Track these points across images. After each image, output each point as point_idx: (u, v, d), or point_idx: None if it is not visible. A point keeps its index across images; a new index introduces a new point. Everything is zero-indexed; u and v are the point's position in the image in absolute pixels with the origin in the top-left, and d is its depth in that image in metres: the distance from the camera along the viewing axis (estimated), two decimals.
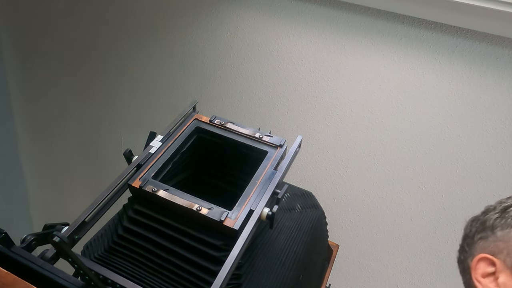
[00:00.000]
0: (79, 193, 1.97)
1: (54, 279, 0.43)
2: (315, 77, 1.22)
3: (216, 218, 0.47)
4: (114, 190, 0.51)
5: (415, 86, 1.12)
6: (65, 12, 1.57)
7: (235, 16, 1.26)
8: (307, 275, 0.61)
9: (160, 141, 0.57)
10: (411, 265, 1.31)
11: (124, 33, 1.50)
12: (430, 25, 1.05)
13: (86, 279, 0.44)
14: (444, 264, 1.27)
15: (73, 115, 1.80)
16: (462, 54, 1.04)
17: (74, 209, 1.74)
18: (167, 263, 0.49)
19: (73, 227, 0.47)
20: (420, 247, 1.28)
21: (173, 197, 0.49)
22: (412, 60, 1.10)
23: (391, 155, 1.22)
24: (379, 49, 1.12)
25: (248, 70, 1.31)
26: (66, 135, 1.88)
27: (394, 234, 1.30)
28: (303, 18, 1.18)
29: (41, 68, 1.76)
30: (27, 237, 0.47)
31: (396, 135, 1.19)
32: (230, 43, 1.31)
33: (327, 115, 1.25)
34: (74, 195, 2.00)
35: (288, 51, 1.23)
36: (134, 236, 0.50)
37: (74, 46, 1.63)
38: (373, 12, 1.09)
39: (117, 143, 1.75)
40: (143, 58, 1.51)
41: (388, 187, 1.25)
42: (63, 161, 1.97)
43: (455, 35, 1.03)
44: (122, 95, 1.63)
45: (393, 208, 1.27)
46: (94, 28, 1.54)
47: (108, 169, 1.82)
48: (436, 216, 1.22)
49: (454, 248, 1.29)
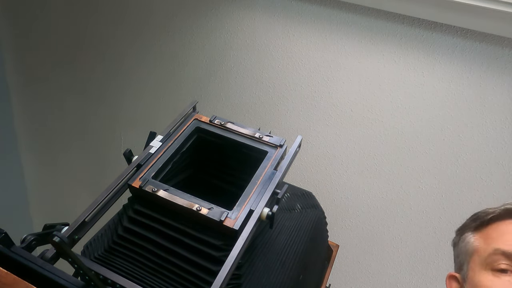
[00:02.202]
0: (79, 193, 1.97)
1: (54, 279, 0.43)
2: (315, 77, 1.22)
3: (216, 218, 0.47)
4: (114, 190, 0.51)
5: (415, 86, 1.12)
6: (65, 12, 1.57)
7: (235, 16, 1.26)
8: (307, 275, 0.61)
9: (160, 141, 0.57)
10: (411, 265, 1.31)
11: (124, 33, 1.50)
12: (430, 25, 1.05)
13: (86, 279, 0.44)
14: (444, 264, 1.27)
15: (73, 115, 1.80)
16: (462, 54, 1.04)
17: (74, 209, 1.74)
18: (167, 263, 0.49)
19: (73, 227, 0.47)
20: (420, 247, 1.28)
21: (173, 197, 0.49)
22: (412, 60, 1.10)
23: (391, 155, 1.22)
24: (379, 49, 1.12)
25: (248, 70, 1.31)
26: (66, 135, 1.88)
27: (394, 234, 1.30)
28: (303, 18, 1.18)
29: (41, 68, 1.76)
30: (27, 237, 0.47)
31: (396, 135, 1.19)
32: (230, 43, 1.31)
33: (327, 115, 1.25)
34: (74, 195, 2.00)
35: (288, 51, 1.23)
36: (134, 236, 0.50)
37: (74, 46, 1.63)
38: (373, 12, 1.09)
39: (117, 143, 1.75)
40: (143, 58, 1.51)
41: (388, 187, 1.25)
42: (63, 161, 1.97)
43: (455, 35, 1.03)
44: (122, 95, 1.63)
45: (393, 208, 1.27)
46: (94, 28, 1.54)
47: (108, 169, 1.82)
48: (436, 216, 1.22)
49: None
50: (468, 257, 0.68)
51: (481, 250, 0.65)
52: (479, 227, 0.69)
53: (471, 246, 0.68)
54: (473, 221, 0.71)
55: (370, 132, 1.22)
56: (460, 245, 0.72)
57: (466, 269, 0.68)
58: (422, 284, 1.33)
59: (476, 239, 0.68)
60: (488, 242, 0.65)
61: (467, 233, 0.71)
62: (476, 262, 0.65)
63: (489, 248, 0.63)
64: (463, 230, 0.73)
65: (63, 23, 1.60)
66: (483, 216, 0.68)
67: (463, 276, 0.68)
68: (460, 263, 0.70)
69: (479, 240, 0.67)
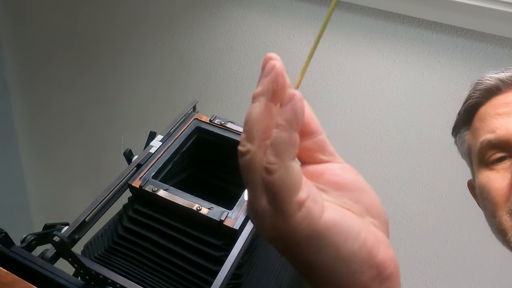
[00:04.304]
0: (79, 193, 1.97)
1: (54, 279, 0.43)
2: (315, 77, 1.22)
3: (216, 218, 0.47)
4: (114, 190, 0.51)
5: (415, 86, 1.12)
6: (66, 13, 1.57)
7: (235, 16, 1.26)
8: None
9: (160, 141, 0.57)
10: (411, 265, 1.31)
11: (124, 33, 1.49)
12: (430, 25, 1.05)
13: (86, 279, 0.44)
14: (444, 264, 1.27)
15: (73, 115, 1.80)
16: (462, 54, 1.04)
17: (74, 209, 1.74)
18: (167, 263, 0.49)
19: (73, 227, 0.47)
20: (420, 247, 1.28)
21: (173, 197, 0.49)
22: (412, 60, 1.10)
23: (391, 155, 1.22)
24: (379, 49, 1.12)
25: (248, 70, 1.31)
26: (66, 135, 1.88)
27: (394, 234, 1.30)
28: (303, 18, 1.18)
29: (41, 68, 1.76)
30: (27, 237, 0.47)
31: (396, 135, 1.19)
32: (230, 43, 1.31)
33: (327, 115, 1.25)
34: (74, 195, 2.00)
35: (288, 51, 1.23)
36: (134, 236, 0.50)
37: (74, 46, 1.63)
38: (373, 12, 1.09)
39: (117, 143, 1.75)
40: (143, 58, 1.50)
41: (388, 187, 1.25)
42: (63, 161, 1.97)
43: (455, 35, 1.03)
44: (122, 95, 1.63)
45: (393, 208, 1.27)
46: (94, 28, 1.54)
47: (108, 169, 1.82)
48: (436, 216, 1.22)
49: (454, 248, 1.30)
50: (467, 158, 0.61)
51: (473, 148, 0.58)
52: (466, 121, 0.61)
53: (465, 146, 0.61)
54: (461, 115, 0.63)
55: (370, 132, 1.22)
56: (459, 148, 0.64)
57: (472, 172, 0.60)
58: (422, 284, 1.33)
59: (468, 137, 0.60)
60: (475, 135, 0.57)
61: (460, 131, 0.63)
62: (475, 162, 0.58)
63: (477, 143, 0.56)
64: (456, 128, 0.65)
65: (64, 23, 1.60)
66: (465, 105, 0.60)
67: (473, 180, 0.61)
68: (469, 167, 0.62)
69: (469, 136, 0.59)
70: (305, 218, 0.24)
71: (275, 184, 0.24)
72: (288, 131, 0.24)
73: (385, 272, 0.26)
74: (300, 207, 0.24)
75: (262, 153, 0.25)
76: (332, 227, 0.24)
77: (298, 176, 0.24)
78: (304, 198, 0.24)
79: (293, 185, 0.24)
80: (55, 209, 2.15)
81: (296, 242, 0.25)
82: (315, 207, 0.24)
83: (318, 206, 0.24)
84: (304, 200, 0.24)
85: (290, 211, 0.24)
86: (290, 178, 0.24)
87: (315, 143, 0.28)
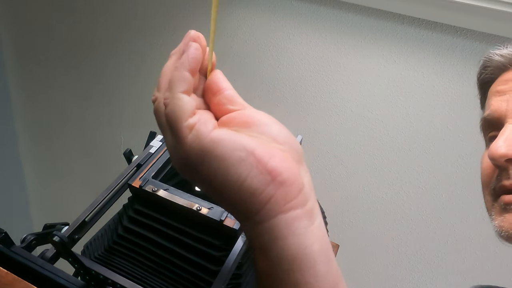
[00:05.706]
0: (79, 193, 1.97)
1: (54, 279, 0.43)
2: (315, 77, 1.22)
3: (216, 218, 0.47)
4: (114, 190, 0.52)
5: (415, 86, 1.12)
6: (65, 13, 1.57)
7: (235, 16, 1.26)
8: None
9: (160, 141, 0.57)
10: (411, 265, 1.31)
11: (124, 33, 1.50)
12: (430, 25, 1.04)
13: (86, 279, 0.44)
14: (444, 264, 1.27)
15: (73, 115, 1.80)
16: (462, 54, 1.04)
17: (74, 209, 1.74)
18: (167, 263, 0.49)
19: (73, 227, 0.47)
20: (420, 247, 1.28)
21: (173, 197, 0.49)
22: (412, 60, 1.10)
23: (391, 155, 1.22)
24: (379, 49, 1.12)
25: (248, 70, 1.31)
26: (66, 135, 1.88)
27: (394, 234, 1.30)
28: (303, 18, 1.18)
29: (41, 68, 1.76)
30: (27, 237, 0.47)
31: (396, 135, 1.19)
32: (230, 43, 1.31)
33: (327, 115, 1.25)
34: (74, 195, 2.00)
35: (288, 51, 1.23)
36: (134, 236, 0.50)
37: (74, 46, 1.63)
38: (373, 12, 1.09)
39: (117, 143, 1.75)
40: (143, 58, 1.50)
41: (388, 187, 1.25)
42: (63, 161, 1.97)
43: (455, 35, 1.03)
44: (122, 95, 1.63)
45: (393, 208, 1.27)
46: (94, 28, 1.54)
47: (108, 169, 1.82)
48: (436, 216, 1.22)
49: (454, 248, 1.30)
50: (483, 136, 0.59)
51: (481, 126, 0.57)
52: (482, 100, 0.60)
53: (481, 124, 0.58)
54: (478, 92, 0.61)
55: (370, 132, 1.22)
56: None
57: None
58: (422, 284, 1.33)
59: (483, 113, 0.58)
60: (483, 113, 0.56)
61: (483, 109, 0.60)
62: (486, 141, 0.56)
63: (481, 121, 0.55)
64: (481, 105, 0.63)
65: (64, 23, 1.60)
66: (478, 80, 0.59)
67: None
68: None
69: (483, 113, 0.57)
70: (195, 138, 0.28)
71: (169, 115, 0.28)
72: (179, 70, 0.29)
73: (279, 178, 0.28)
74: (190, 130, 0.28)
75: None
76: (218, 141, 0.28)
77: (188, 105, 0.28)
78: (194, 122, 0.28)
79: (183, 112, 0.28)
80: (55, 209, 2.15)
81: (192, 162, 0.28)
82: (203, 129, 0.28)
83: (207, 128, 0.28)
84: (194, 123, 0.28)
85: (182, 134, 0.28)
86: (180, 107, 0.28)
87: (224, 98, 0.32)
